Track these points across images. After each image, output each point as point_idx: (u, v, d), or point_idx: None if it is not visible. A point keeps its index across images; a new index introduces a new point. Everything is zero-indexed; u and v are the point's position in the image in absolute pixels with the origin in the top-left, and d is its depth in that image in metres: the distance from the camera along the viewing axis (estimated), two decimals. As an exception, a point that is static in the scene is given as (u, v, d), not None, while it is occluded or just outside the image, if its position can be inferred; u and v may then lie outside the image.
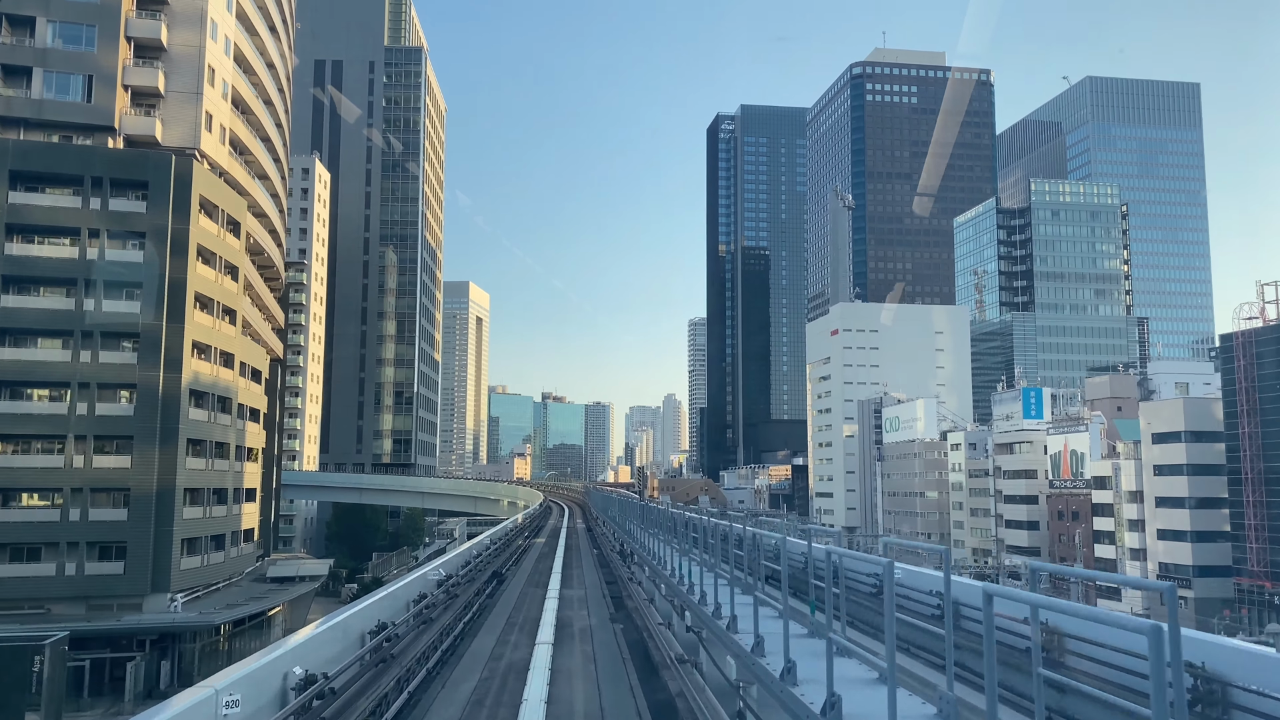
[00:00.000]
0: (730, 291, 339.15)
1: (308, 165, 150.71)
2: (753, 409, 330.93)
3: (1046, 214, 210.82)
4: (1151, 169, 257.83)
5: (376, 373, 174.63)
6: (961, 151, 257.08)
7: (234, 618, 68.18)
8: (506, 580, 29.98)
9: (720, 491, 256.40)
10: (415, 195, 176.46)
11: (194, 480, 69.06)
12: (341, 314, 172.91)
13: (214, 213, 71.95)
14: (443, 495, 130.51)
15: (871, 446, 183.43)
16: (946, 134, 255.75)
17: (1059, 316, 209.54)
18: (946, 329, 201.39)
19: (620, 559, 33.62)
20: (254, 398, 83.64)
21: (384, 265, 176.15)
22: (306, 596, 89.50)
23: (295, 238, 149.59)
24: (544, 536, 51.63)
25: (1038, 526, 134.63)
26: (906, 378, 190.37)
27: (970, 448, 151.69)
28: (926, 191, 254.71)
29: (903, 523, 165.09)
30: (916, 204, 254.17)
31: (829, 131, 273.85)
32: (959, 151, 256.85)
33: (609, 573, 31.23)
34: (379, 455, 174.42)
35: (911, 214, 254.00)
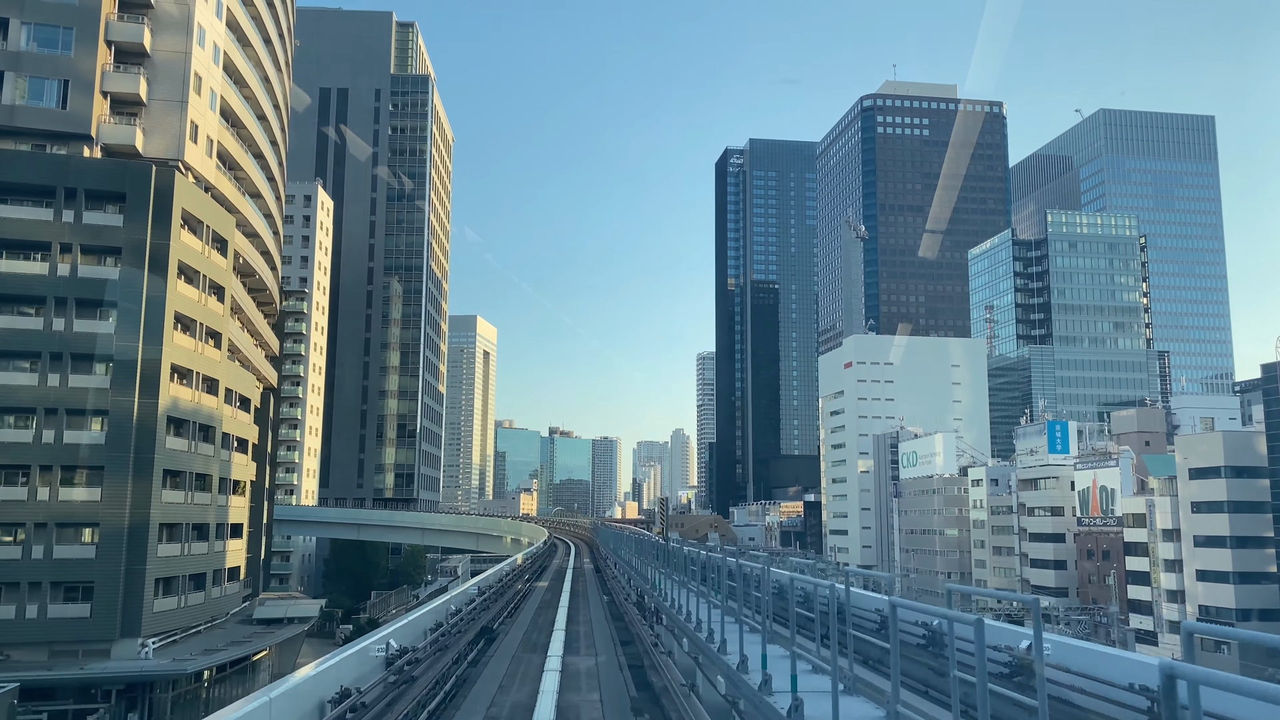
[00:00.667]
0: (740, 325, 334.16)
1: (310, 192, 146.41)
2: (763, 444, 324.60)
3: (1064, 246, 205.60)
4: (1167, 202, 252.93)
5: (379, 405, 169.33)
6: (974, 184, 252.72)
7: (211, 664, 62.32)
8: (498, 639, 24.38)
9: (730, 528, 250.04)
10: (421, 225, 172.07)
11: (171, 514, 63.50)
12: (344, 344, 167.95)
13: (198, 228, 66.98)
14: (443, 531, 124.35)
15: (888, 482, 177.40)
16: (958, 166, 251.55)
17: (1078, 350, 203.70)
18: (963, 362, 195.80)
19: (638, 613, 27.85)
20: (242, 427, 78.26)
21: (388, 295, 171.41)
22: (297, 639, 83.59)
23: (296, 266, 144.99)
24: (547, 579, 45.93)
25: (1065, 566, 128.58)
26: (922, 412, 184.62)
27: (992, 484, 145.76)
28: (935, 228, 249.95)
29: (921, 561, 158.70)
30: (924, 243, 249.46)
31: (839, 164, 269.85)
32: (971, 184, 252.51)
33: (624, 630, 25.45)
34: (380, 490, 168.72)
35: (924, 246, 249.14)
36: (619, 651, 21.55)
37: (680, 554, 22.56)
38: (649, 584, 25.81)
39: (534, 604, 33.85)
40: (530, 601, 34.55)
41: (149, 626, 60.45)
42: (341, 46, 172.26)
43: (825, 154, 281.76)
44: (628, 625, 25.97)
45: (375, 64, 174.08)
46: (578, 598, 34.66)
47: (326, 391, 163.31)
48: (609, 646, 22.52)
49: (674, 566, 22.32)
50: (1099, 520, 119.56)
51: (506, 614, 29.76)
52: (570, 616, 27.03)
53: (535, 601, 34.90)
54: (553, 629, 23.30)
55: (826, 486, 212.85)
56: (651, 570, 26.62)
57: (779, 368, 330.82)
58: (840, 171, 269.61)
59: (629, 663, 20.02)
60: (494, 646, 23.50)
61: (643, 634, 23.23)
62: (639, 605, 29.17)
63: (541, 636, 24.10)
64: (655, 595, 24.31)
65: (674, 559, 22.55)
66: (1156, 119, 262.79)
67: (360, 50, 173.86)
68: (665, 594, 22.40)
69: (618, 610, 30.29)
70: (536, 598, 36.55)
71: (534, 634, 25.14)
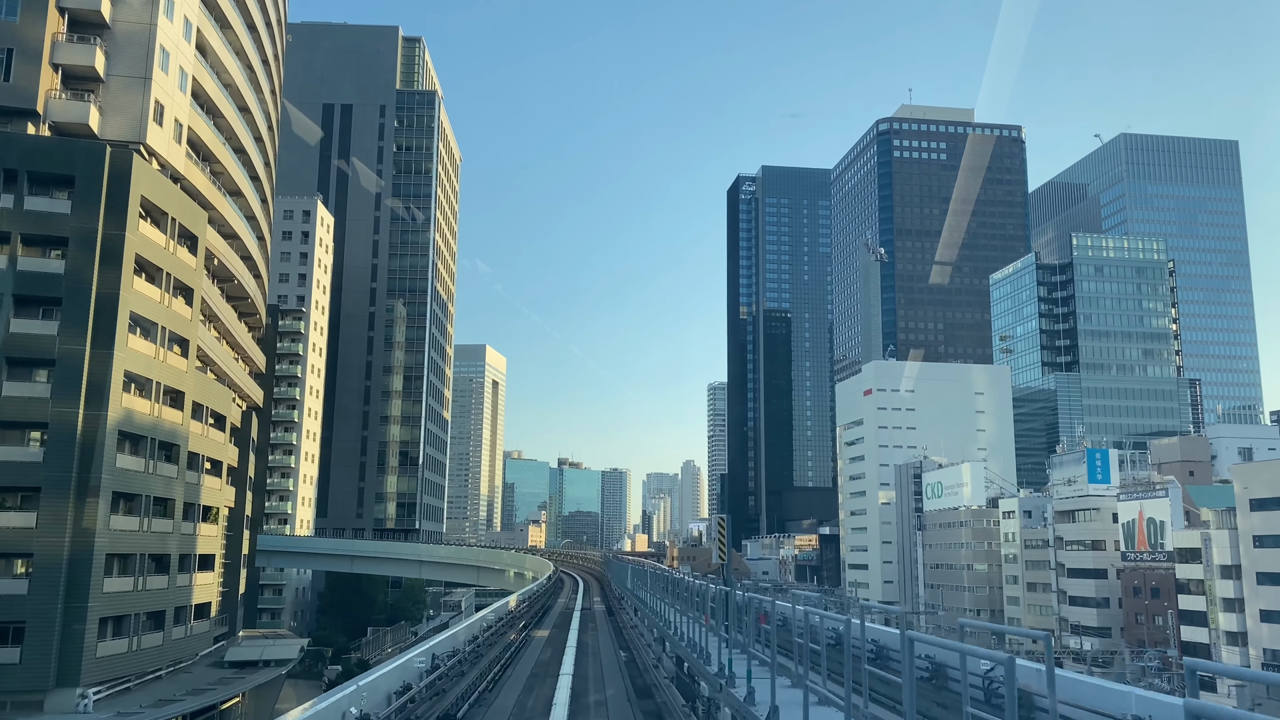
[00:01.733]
0: (752, 355, 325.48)
1: (309, 207, 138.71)
2: (775, 476, 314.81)
3: (1090, 270, 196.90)
4: (1191, 228, 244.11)
5: (380, 431, 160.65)
6: (992, 209, 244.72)
7: (165, 718, 53.32)
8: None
9: (743, 562, 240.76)
10: (426, 245, 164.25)
11: (122, 543, 54.85)
12: (344, 368, 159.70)
13: (162, 220, 58.86)
14: (442, 564, 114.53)
15: (911, 514, 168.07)
16: (976, 191, 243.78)
17: (1105, 378, 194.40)
18: (987, 389, 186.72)
19: (678, 691, 18.62)
20: (215, 447, 69.67)
21: (391, 317, 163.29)
22: (275, 683, 74.51)
23: (294, 284, 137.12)
24: (548, 627, 36.92)
25: (1108, 604, 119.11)
26: (944, 441, 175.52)
27: (1025, 516, 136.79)
28: (953, 254, 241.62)
29: (947, 598, 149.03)
30: (942, 270, 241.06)
31: (855, 189, 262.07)
32: (989, 209, 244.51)
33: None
34: (382, 520, 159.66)
35: (942, 273, 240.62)
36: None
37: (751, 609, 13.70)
38: (699, 654, 16.82)
39: (526, 667, 24.95)
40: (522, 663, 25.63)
41: (91, 674, 51.61)
42: (345, 62, 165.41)
43: (840, 179, 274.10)
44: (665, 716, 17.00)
45: (380, 80, 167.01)
46: (588, 656, 25.87)
47: (325, 417, 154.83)
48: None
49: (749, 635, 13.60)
50: (1147, 555, 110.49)
51: (489, 683, 20.92)
52: (576, 689, 18.26)
53: (529, 661, 26.04)
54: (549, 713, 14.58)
55: (844, 519, 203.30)
56: (695, 631, 17.32)
57: (791, 398, 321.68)
58: (856, 196, 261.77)
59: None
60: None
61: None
62: (678, 681, 19.76)
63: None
64: (708, 676, 15.06)
65: (752, 623, 13.83)
66: (1178, 144, 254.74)
67: (364, 66, 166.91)
68: (733, 675, 13.70)
69: (645, 679, 21.27)
70: (532, 654, 27.68)
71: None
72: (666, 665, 21.80)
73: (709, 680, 14.44)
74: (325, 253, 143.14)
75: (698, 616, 16.82)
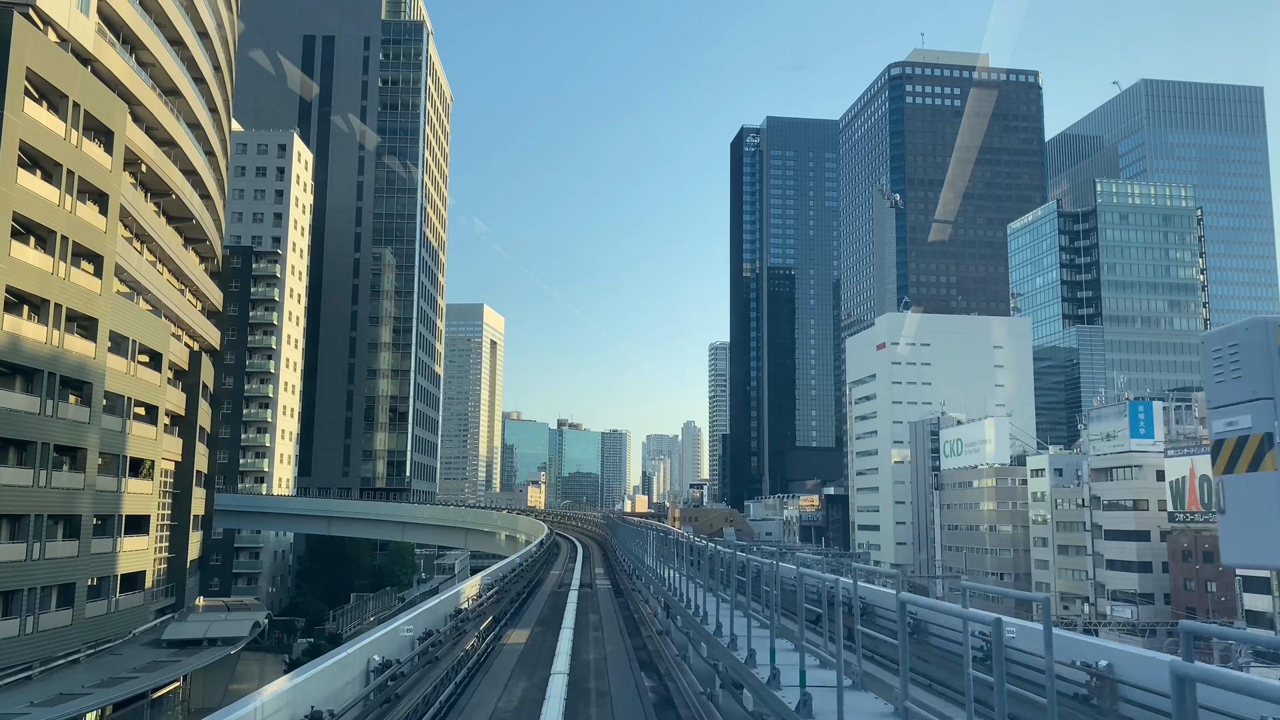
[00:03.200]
0: (755, 313, 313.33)
1: (285, 141, 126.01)
2: (778, 436, 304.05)
3: (1114, 218, 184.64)
4: (1213, 178, 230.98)
5: (367, 385, 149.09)
6: (1008, 157, 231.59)
7: (61, 718, 42.10)
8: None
9: (746, 523, 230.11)
10: (414, 186, 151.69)
11: (7, 502, 43.49)
12: (327, 318, 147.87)
13: (60, 106, 46.87)
14: (426, 526, 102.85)
15: (927, 473, 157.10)
16: (992, 139, 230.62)
17: (1129, 330, 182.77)
18: (1006, 343, 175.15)
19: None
20: (147, 390, 58.09)
21: (379, 266, 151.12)
22: (226, 662, 63.42)
23: (269, 223, 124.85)
24: (529, 623, 25.42)
25: (1150, 569, 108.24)
26: (962, 397, 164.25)
27: (1056, 474, 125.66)
28: (967, 204, 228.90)
29: (967, 560, 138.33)
30: (956, 220, 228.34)
31: (865, 137, 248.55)
32: (1005, 158, 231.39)
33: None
34: (370, 479, 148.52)
35: (956, 223, 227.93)
36: None
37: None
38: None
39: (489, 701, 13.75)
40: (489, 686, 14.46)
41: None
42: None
43: (849, 127, 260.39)
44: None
45: (364, 9, 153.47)
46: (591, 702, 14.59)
47: (307, 369, 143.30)
48: None
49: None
50: (1200, 516, 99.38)
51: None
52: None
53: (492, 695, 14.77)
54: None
55: (854, 479, 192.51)
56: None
57: (795, 357, 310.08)
58: (866, 145, 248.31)
59: None
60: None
61: None
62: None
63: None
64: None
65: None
66: (1201, 90, 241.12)
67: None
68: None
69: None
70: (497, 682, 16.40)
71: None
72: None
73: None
74: (304, 191, 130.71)
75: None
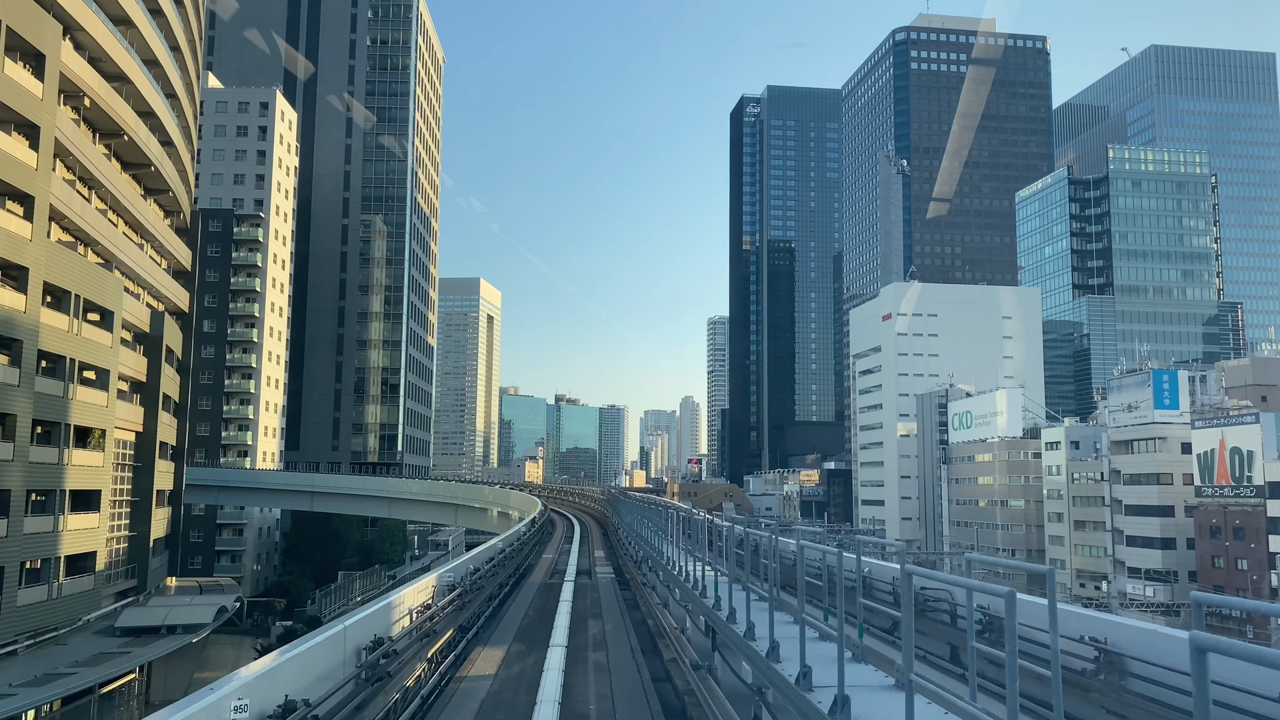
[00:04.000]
0: (755, 287, 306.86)
1: (267, 99, 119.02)
2: (778, 411, 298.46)
3: (1126, 184, 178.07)
4: (1224, 146, 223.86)
5: (357, 356, 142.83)
6: (1015, 125, 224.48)
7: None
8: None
9: (745, 498, 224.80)
10: (404, 151, 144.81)
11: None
12: (315, 286, 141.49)
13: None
14: (414, 502, 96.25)
15: (935, 447, 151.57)
16: (998, 106, 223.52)
17: (1141, 301, 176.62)
18: (1015, 313, 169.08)
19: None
20: (96, 351, 51.89)
21: (368, 231, 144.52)
22: (191, 650, 57.63)
23: (250, 185, 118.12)
24: (506, 639, 18.60)
25: (1174, 545, 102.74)
26: (970, 369, 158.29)
27: (1073, 446, 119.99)
28: (973, 172, 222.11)
29: (978, 536, 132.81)
30: (954, 193, 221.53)
31: (868, 104, 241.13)
32: (1012, 125, 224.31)
33: None
34: (361, 453, 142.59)
35: (962, 193, 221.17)
36: None
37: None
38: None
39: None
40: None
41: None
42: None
43: (852, 95, 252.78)
44: None
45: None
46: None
47: (295, 340, 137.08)
48: None
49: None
50: (1229, 490, 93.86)
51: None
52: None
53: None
54: None
55: (857, 452, 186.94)
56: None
57: (795, 331, 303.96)
58: (869, 113, 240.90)
59: None
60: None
61: None
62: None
63: None
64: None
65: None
66: (1212, 56, 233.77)
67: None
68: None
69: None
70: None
71: None
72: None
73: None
74: (287, 152, 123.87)
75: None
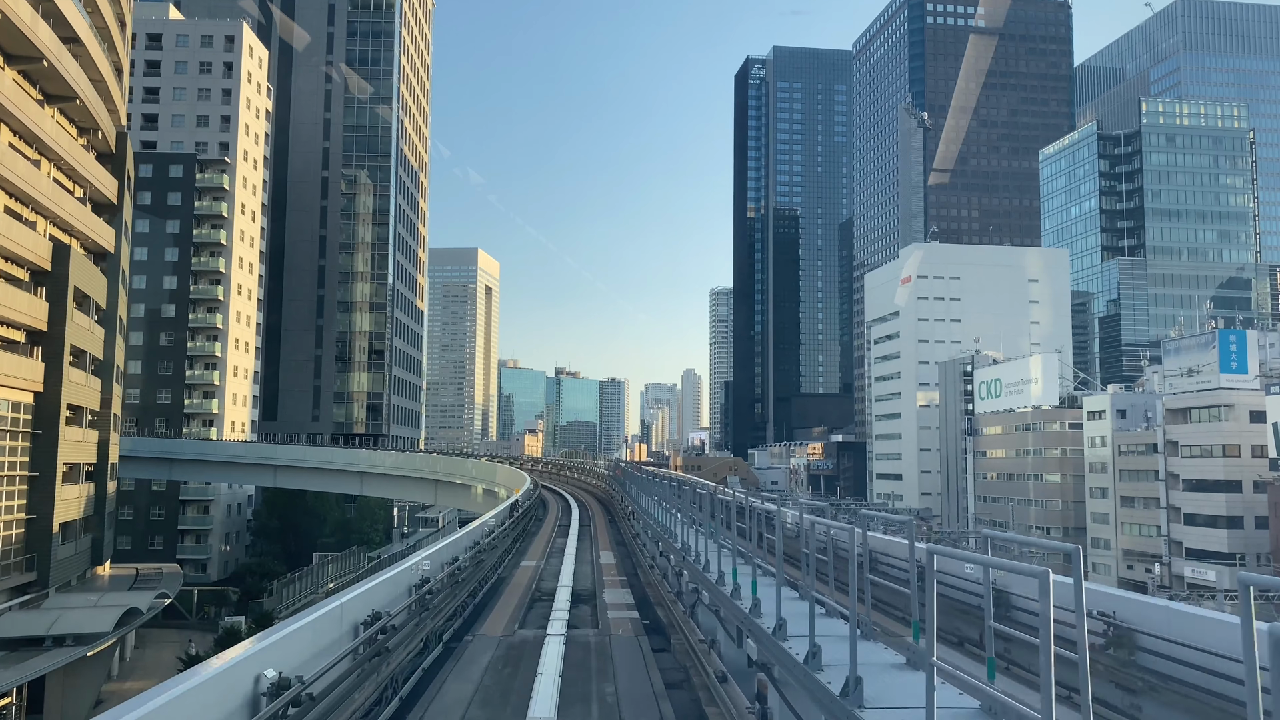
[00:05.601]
0: (760, 256, 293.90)
1: (232, 32, 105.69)
2: (783, 383, 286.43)
3: (1160, 140, 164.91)
4: (1253, 105, 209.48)
5: (339, 320, 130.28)
6: (1035, 83, 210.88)
7: None
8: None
9: (751, 472, 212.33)
10: (389, 96, 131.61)
11: None
12: (292, 244, 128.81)
13: None
14: (388, 477, 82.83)
15: (959, 417, 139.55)
16: (1017, 63, 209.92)
17: (1175, 263, 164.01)
18: (1042, 276, 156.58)
19: None
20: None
21: (351, 185, 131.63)
22: (100, 661, 45.60)
23: (215, 128, 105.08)
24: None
25: (1241, 524, 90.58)
26: (995, 335, 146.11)
27: (1119, 416, 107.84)
28: (991, 132, 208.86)
29: (1006, 513, 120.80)
30: (972, 154, 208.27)
31: (881, 62, 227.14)
32: (1032, 83, 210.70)
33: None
34: (345, 424, 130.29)
35: (979, 153, 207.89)
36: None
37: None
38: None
39: None
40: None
41: None
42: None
43: (864, 52, 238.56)
44: None
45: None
46: None
47: (270, 301, 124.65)
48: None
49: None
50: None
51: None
52: None
53: None
54: None
55: (872, 424, 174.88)
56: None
57: (800, 301, 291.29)
58: (882, 71, 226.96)
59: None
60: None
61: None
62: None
63: None
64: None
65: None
66: (1240, 10, 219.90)
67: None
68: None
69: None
70: None
71: None
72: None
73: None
74: (256, 92, 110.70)
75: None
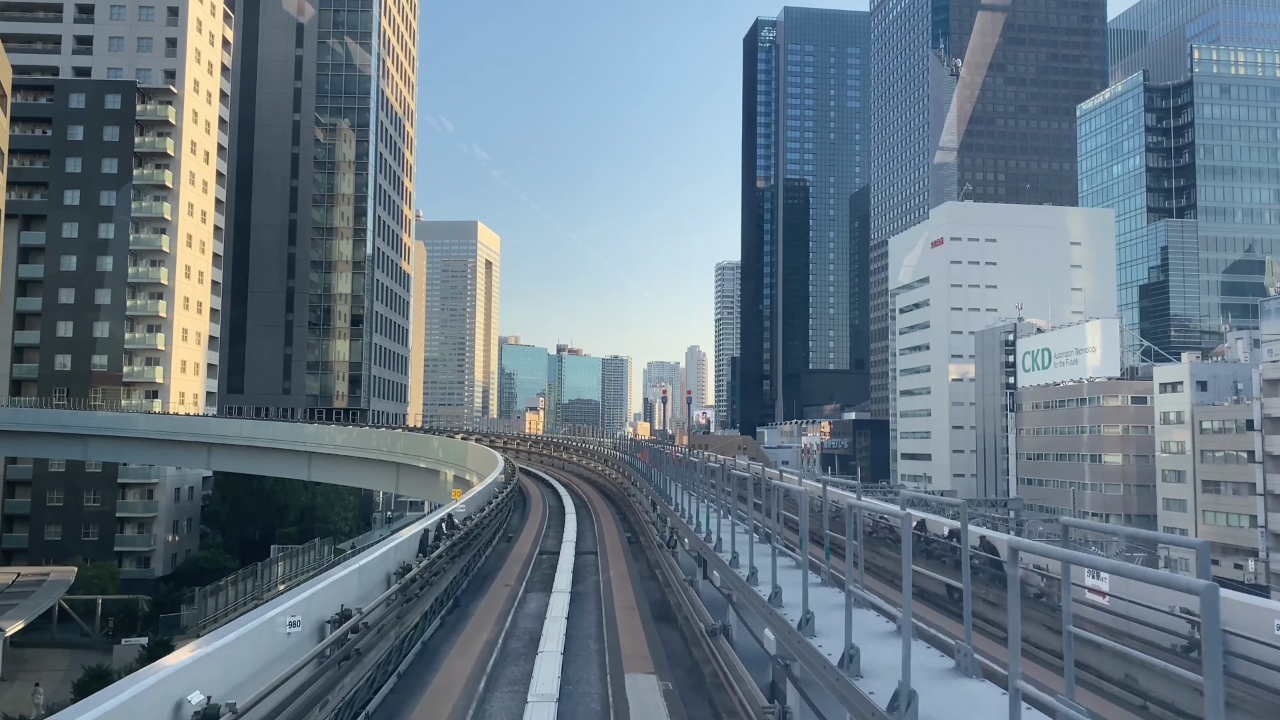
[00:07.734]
0: (769, 227, 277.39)
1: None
2: (792, 359, 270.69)
3: (1213, 91, 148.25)
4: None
5: (313, 282, 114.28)
6: (1066, 38, 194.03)
7: None
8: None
9: (761, 451, 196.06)
10: (368, 28, 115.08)
11: None
12: (260, 194, 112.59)
13: None
14: (339, 458, 64.08)
15: (999, 391, 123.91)
16: (1048, 17, 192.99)
17: (1228, 226, 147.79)
18: (1085, 239, 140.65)
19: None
20: None
21: (327, 131, 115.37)
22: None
23: (159, 53, 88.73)
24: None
25: (1359, 514, 74.43)
26: (1033, 302, 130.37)
27: (1199, 388, 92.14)
28: (1021, 91, 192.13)
29: (1055, 497, 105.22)
30: (1001, 112, 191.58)
31: (900, 18, 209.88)
32: (1063, 38, 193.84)
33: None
34: (320, 396, 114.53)
35: (1008, 112, 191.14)
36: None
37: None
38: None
39: None
40: None
41: None
42: None
43: (882, 8, 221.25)
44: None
45: None
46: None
47: (234, 259, 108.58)
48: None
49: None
50: None
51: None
52: None
53: None
54: None
55: (897, 400, 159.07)
56: None
57: (811, 274, 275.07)
58: (901, 27, 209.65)
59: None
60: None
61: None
62: None
63: None
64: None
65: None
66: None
67: None
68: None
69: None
70: None
71: None
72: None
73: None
74: (210, 14, 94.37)
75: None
